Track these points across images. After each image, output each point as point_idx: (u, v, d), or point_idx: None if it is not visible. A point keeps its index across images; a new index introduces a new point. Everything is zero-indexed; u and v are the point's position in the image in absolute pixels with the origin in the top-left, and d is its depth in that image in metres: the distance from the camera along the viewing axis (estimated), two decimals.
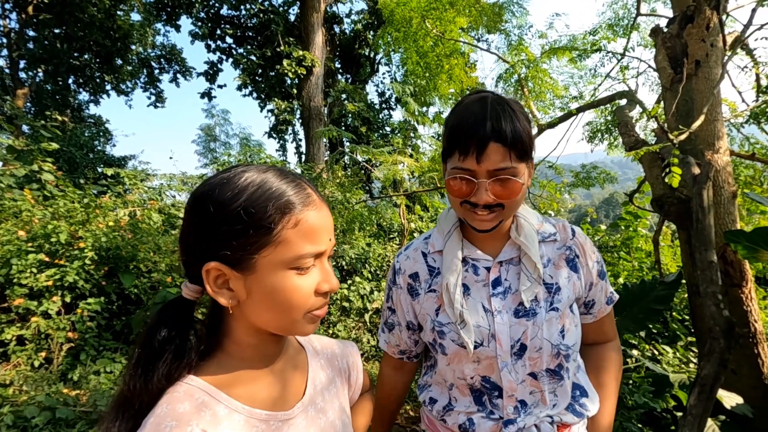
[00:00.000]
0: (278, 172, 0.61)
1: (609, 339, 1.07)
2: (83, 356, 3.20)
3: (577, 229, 1.01)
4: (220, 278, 0.58)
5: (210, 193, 0.57)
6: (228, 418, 0.58)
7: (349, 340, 0.92)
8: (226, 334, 0.64)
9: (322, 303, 0.63)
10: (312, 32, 9.16)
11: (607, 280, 1.02)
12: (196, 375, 0.60)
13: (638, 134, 2.58)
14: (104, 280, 3.54)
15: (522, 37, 5.27)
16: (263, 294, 0.58)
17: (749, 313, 2.11)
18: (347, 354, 0.87)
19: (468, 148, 0.81)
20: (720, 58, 2.19)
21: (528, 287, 0.89)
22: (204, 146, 33.42)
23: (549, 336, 0.89)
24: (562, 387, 0.92)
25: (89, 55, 12.05)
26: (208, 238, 0.57)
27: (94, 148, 10.27)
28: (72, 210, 3.88)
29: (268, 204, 0.56)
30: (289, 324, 0.61)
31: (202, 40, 10.44)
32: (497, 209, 0.84)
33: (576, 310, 0.96)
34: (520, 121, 0.82)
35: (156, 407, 0.55)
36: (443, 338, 0.93)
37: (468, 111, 0.83)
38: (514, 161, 0.80)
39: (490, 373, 0.91)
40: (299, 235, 0.58)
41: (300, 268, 0.59)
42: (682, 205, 2.08)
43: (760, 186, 3.33)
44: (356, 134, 9.63)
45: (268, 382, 0.65)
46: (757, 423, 2.10)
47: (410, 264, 1.01)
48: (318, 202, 0.62)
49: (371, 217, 5.68)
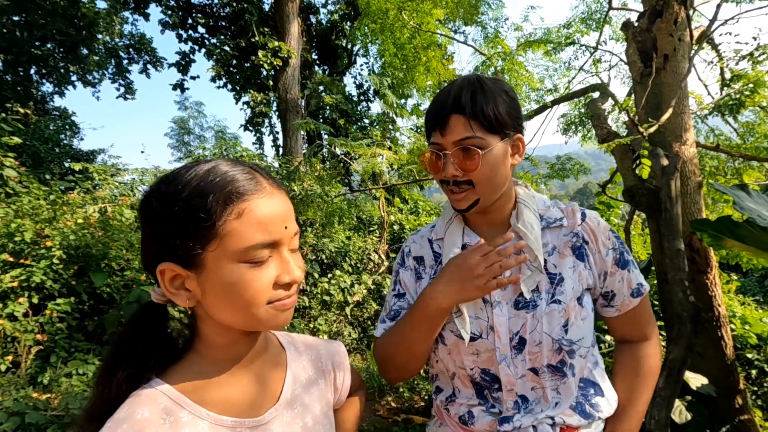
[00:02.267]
0: (229, 163, 0.59)
1: (644, 337, 0.96)
2: (53, 358, 3.09)
3: (591, 213, 0.93)
4: (176, 279, 0.57)
5: (156, 191, 0.56)
6: (191, 425, 0.56)
7: (337, 340, 0.88)
8: (197, 335, 0.62)
9: (284, 294, 0.59)
10: (287, 22, 8.96)
11: (632, 270, 0.91)
12: (164, 379, 0.58)
13: (610, 126, 2.65)
14: (74, 280, 3.42)
15: (498, 29, 5.31)
16: (217, 291, 0.56)
17: (713, 298, 2.21)
18: (333, 354, 0.83)
19: (435, 123, 0.85)
20: (687, 53, 2.26)
21: (528, 276, 0.86)
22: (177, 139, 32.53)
23: (549, 330, 0.84)
24: (565, 384, 0.87)
25: (52, 45, 11.46)
26: (157, 237, 0.56)
27: (60, 142, 9.82)
28: (37, 207, 3.72)
29: (209, 196, 0.54)
30: (252, 319, 0.58)
31: (172, 30, 10.08)
32: (466, 187, 0.84)
33: (587, 303, 0.89)
34: (487, 94, 0.81)
35: (118, 410, 0.54)
36: (443, 328, 0.90)
37: (440, 93, 0.87)
38: (478, 132, 0.81)
39: (489, 365, 0.88)
40: (246, 226, 0.55)
41: (252, 260, 0.56)
42: (652, 196, 2.14)
43: (724, 176, 3.47)
44: (334, 127, 9.54)
45: (241, 385, 0.63)
46: (721, 401, 2.21)
47: (417, 248, 1.01)
48: (269, 189, 0.59)
49: (351, 210, 5.66)
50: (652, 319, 0.97)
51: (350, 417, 0.88)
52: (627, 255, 0.91)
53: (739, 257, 3.94)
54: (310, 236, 5.34)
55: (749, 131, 3.31)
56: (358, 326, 4.87)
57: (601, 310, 0.96)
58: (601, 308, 0.95)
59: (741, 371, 2.63)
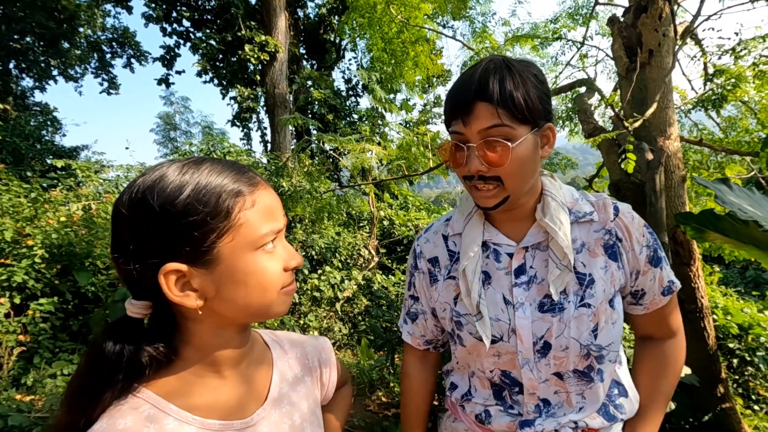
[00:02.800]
0: (215, 161, 0.58)
1: (670, 334, 0.91)
2: (37, 359, 3.04)
3: (624, 206, 0.85)
4: (179, 280, 0.54)
5: (149, 193, 0.52)
6: (177, 431, 0.54)
7: (322, 336, 0.88)
8: (184, 339, 0.60)
9: (291, 278, 0.62)
10: (274, 16, 8.84)
11: (664, 267, 0.85)
12: (146, 387, 0.56)
13: (597, 121, 2.67)
14: (57, 279, 3.35)
15: (486, 24, 5.31)
16: (235, 282, 0.56)
17: (696, 289, 2.25)
18: (319, 350, 0.82)
19: (456, 110, 0.75)
20: (671, 48, 2.29)
21: (557, 276, 0.78)
22: (163, 135, 31.98)
23: (578, 335, 0.79)
24: (592, 390, 0.82)
25: (32, 38, 11.15)
26: (158, 239, 0.52)
27: (42, 138, 9.58)
28: (17, 205, 3.63)
29: (220, 190, 0.54)
30: (267, 306, 0.60)
31: (156, 23, 9.87)
32: (494, 183, 0.76)
33: (618, 304, 0.83)
34: (516, 79, 0.72)
35: (96, 423, 0.51)
36: (461, 329, 0.86)
37: (462, 76, 0.78)
38: (507, 120, 0.71)
39: (511, 368, 0.83)
40: (257, 215, 0.57)
41: (264, 246, 0.58)
42: (637, 189, 2.17)
43: (707, 170, 3.54)
44: (323, 122, 9.47)
45: (226, 388, 0.62)
46: (703, 390, 2.26)
47: (430, 248, 0.93)
48: (262, 181, 0.61)
49: (340, 206, 5.64)
50: (679, 316, 0.92)
51: (338, 412, 0.88)
52: (660, 251, 0.85)
53: (721, 249, 4.03)
54: (299, 232, 5.31)
55: (731, 126, 3.37)
56: (348, 322, 4.87)
57: (627, 308, 0.89)
58: (628, 305, 0.89)
59: (723, 360, 2.69)
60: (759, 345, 3.06)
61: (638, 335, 0.96)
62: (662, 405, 0.89)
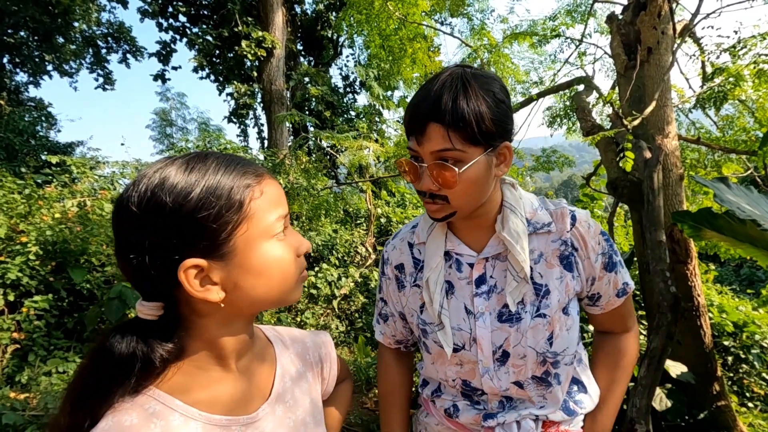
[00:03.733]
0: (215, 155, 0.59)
1: (626, 329, 0.97)
2: (32, 357, 3.02)
3: (581, 214, 0.87)
4: (198, 275, 0.53)
5: (158, 190, 0.51)
6: (183, 427, 0.54)
7: (323, 331, 0.88)
8: (194, 336, 0.59)
9: (304, 264, 0.65)
10: (271, 12, 8.78)
11: (619, 271, 0.88)
12: (151, 383, 0.56)
13: (595, 119, 2.67)
14: (52, 276, 3.33)
15: (484, 21, 5.29)
16: (254, 271, 0.56)
17: (693, 288, 2.26)
18: (320, 345, 0.83)
19: (412, 128, 0.75)
20: (670, 46, 2.28)
21: (514, 287, 0.81)
22: (159, 131, 31.83)
23: (534, 344, 0.82)
24: (551, 393, 0.86)
25: (26, 32, 11.04)
26: (172, 236, 0.51)
27: (36, 134, 9.51)
28: (11, 201, 3.60)
29: (232, 182, 0.55)
30: (286, 292, 0.61)
31: (152, 18, 9.78)
32: (440, 201, 0.77)
33: (573, 309, 0.86)
34: (471, 99, 0.70)
35: (101, 421, 0.50)
36: (426, 337, 0.89)
37: (421, 88, 0.76)
38: (457, 143, 0.70)
39: (471, 377, 0.86)
40: (267, 203, 0.58)
41: (279, 234, 0.59)
42: (635, 188, 2.17)
43: (704, 169, 3.54)
44: (320, 119, 9.44)
45: (231, 384, 0.62)
46: (699, 388, 2.27)
47: (396, 255, 0.95)
48: (266, 171, 0.62)
49: (337, 203, 5.63)
50: (633, 312, 0.98)
51: (339, 407, 0.89)
52: (615, 257, 0.88)
53: (717, 248, 4.04)
54: (296, 230, 5.30)
55: (728, 124, 3.37)
56: (345, 319, 4.86)
57: (585, 308, 0.95)
58: (585, 306, 0.94)
59: (718, 358, 2.71)
60: (753, 343, 3.08)
61: (596, 330, 1.02)
62: (619, 395, 0.95)
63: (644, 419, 1.62)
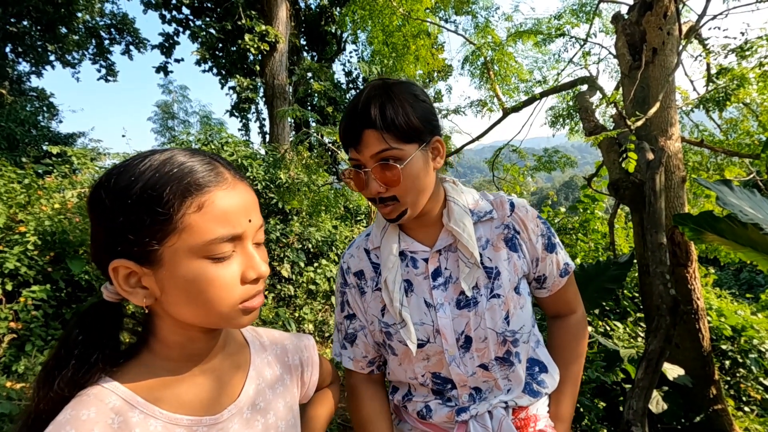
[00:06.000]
0: (186, 153, 0.56)
1: (573, 310, 1.04)
2: (29, 347, 3.01)
3: (518, 201, 0.95)
4: (131, 276, 0.53)
5: (106, 183, 0.52)
6: (142, 424, 0.53)
7: (306, 334, 0.87)
8: (152, 332, 0.59)
9: (254, 291, 0.57)
10: (275, 6, 8.74)
11: (558, 252, 0.96)
12: (114, 378, 0.55)
13: (598, 120, 2.65)
14: (50, 267, 3.32)
15: (488, 19, 5.26)
16: (177, 288, 0.53)
17: (693, 291, 2.25)
18: (301, 349, 0.81)
19: (348, 139, 0.81)
20: (675, 47, 2.27)
21: (468, 273, 0.87)
22: (161, 124, 31.79)
23: (493, 325, 0.87)
24: (514, 372, 0.91)
25: (29, 22, 11.01)
26: (108, 233, 0.52)
27: (37, 124, 9.50)
28: (11, 191, 3.59)
29: (166, 188, 0.51)
30: (216, 318, 0.55)
31: (155, 10, 9.75)
32: (391, 202, 0.82)
33: (524, 289, 0.92)
34: (395, 103, 0.78)
35: (60, 413, 0.50)
36: (391, 339, 0.91)
37: (348, 106, 0.83)
38: (393, 143, 0.78)
39: (439, 369, 0.90)
40: (206, 219, 0.52)
41: (214, 255, 0.53)
42: (636, 189, 2.16)
43: (706, 172, 3.53)
44: (322, 114, 9.42)
45: (197, 383, 0.61)
46: (696, 391, 2.26)
47: (355, 262, 0.98)
48: (231, 180, 0.56)
49: (337, 199, 5.61)
50: (578, 294, 1.04)
51: (321, 412, 0.87)
52: (554, 238, 0.96)
53: (717, 251, 4.03)
54: (296, 225, 5.29)
55: (732, 128, 3.36)
56: None
57: (534, 292, 1.01)
58: (534, 290, 1.00)
59: (715, 362, 2.70)
60: (751, 347, 3.08)
61: (548, 315, 1.08)
62: (578, 373, 1.02)
63: (640, 421, 1.62)
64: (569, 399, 1.00)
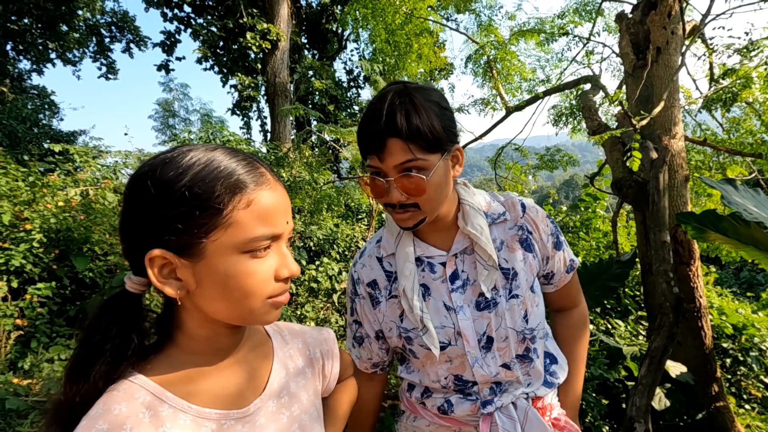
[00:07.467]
0: (228, 150, 0.57)
1: (576, 303, 1.07)
2: (34, 344, 3.03)
3: (527, 201, 0.96)
4: (165, 267, 0.53)
5: (151, 173, 0.52)
6: (172, 418, 0.54)
7: (326, 327, 0.87)
8: (178, 326, 0.59)
9: (282, 289, 0.58)
10: (277, 4, 8.73)
11: (565, 249, 0.98)
12: (142, 372, 0.56)
13: (601, 119, 2.66)
14: (55, 264, 3.33)
15: (492, 17, 5.25)
16: (215, 281, 0.54)
17: (695, 289, 2.27)
18: (321, 342, 0.81)
19: (371, 147, 0.80)
20: (679, 46, 2.27)
21: (486, 275, 0.87)
22: (162, 122, 31.74)
23: (513, 324, 0.89)
24: (534, 368, 0.93)
25: (29, 19, 10.99)
26: (150, 222, 0.52)
27: (39, 122, 9.49)
28: (15, 189, 3.60)
29: (217, 183, 0.52)
30: (247, 313, 0.57)
31: (157, 8, 9.74)
32: (412, 209, 0.82)
33: (537, 287, 0.94)
34: (421, 112, 0.77)
35: (92, 408, 0.51)
36: (411, 344, 0.92)
37: (369, 109, 0.81)
38: (418, 153, 0.77)
39: (462, 371, 0.90)
40: (252, 217, 0.54)
41: (254, 251, 0.54)
42: (639, 188, 2.17)
43: (709, 171, 3.53)
44: (323, 113, 9.41)
45: (224, 377, 0.62)
46: (698, 389, 2.28)
47: (367, 272, 0.97)
48: (273, 182, 0.58)
49: (339, 197, 5.62)
50: (580, 288, 1.08)
51: (342, 403, 0.87)
52: (560, 236, 0.98)
53: (718, 250, 4.04)
54: (298, 223, 5.30)
55: (735, 127, 3.36)
56: (345, 313, 4.88)
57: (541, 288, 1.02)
58: (542, 286, 1.02)
59: (717, 360, 2.72)
60: (752, 345, 3.09)
61: (552, 309, 1.10)
62: (583, 362, 1.05)
63: (644, 418, 1.63)
64: (577, 388, 1.03)
